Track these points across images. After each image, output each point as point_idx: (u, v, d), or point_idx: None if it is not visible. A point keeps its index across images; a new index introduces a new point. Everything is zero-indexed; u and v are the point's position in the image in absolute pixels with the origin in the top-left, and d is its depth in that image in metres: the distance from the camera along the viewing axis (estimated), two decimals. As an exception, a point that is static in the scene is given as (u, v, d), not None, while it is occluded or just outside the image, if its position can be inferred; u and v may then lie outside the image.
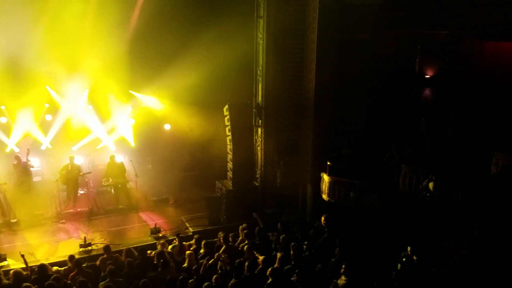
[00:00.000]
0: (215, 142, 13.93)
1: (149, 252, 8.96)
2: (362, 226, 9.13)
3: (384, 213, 9.10)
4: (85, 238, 10.19)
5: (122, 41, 13.79)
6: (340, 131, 10.89)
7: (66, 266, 8.30)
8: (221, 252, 8.34)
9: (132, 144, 15.38)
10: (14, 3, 12.26)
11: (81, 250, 9.85)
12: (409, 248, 7.73)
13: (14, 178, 12.46)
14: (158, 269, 7.79)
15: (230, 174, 12.26)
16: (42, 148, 14.66)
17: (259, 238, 8.97)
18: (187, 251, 8.66)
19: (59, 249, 10.30)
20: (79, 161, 13.84)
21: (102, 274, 7.72)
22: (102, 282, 7.28)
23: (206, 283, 6.92)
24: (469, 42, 11.18)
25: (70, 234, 11.22)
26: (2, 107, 14.33)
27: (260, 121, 11.95)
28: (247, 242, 8.60)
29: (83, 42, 13.41)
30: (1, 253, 9.41)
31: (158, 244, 9.15)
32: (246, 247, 8.22)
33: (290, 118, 11.80)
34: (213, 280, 7.07)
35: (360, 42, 10.75)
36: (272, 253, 8.33)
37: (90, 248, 9.95)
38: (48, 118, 14.94)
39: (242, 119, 11.90)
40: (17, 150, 13.99)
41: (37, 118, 14.51)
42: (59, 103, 14.74)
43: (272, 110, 11.77)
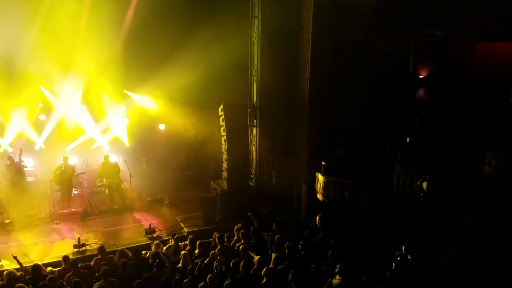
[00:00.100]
0: (210, 142, 13.95)
1: (143, 252, 8.94)
2: (357, 225, 9.16)
3: (378, 212, 9.13)
4: (79, 238, 10.16)
5: (116, 40, 13.76)
6: (334, 131, 10.95)
7: (60, 267, 8.27)
8: (216, 251, 8.35)
9: (126, 144, 15.33)
10: (8, 3, 12.19)
11: (75, 250, 9.82)
12: (403, 247, 7.78)
13: (7, 179, 12.38)
14: (154, 269, 7.78)
15: (225, 174, 12.27)
16: (36, 148, 14.59)
17: (254, 238, 8.98)
18: (182, 252, 8.64)
19: (53, 249, 10.28)
20: (73, 161, 13.78)
21: (97, 274, 7.71)
22: (96, 283, 7.27)
23: (202, 283, 6.92)
24: (462, 42, 11.24)
25: (64, 235, 11.19)
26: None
27: (255, 121, 11.95)
28: (243, 242, 8.60)
29: (77, 41, 13.39)
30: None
31: (153, 245, 9.13)
32: (241, 247, 8.23)
33: (285, 118, 11.82)
34: (207, 279, 7.08)
35: (354, 42, 10.82)
36: (267, 253, 8.34)
37: (84, 248, 9.91)
38: (42, 118, 14.88)
39: (237, 119, 11.91)
40: (10, 150, 13.91)
41: (30, 118, 14.44)
42: (53, 103, 14.68)
43: (267, 110, 11.78)
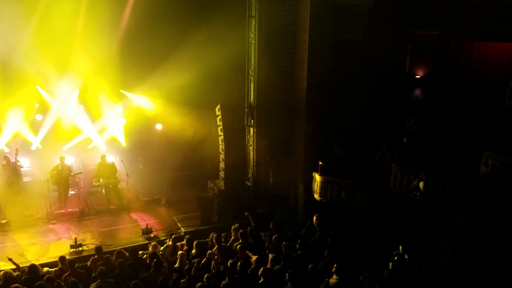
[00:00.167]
0: (207, 142, 13.94)
1: (140, 253, 8.93)
2: (354, 225, 9.16)
3: (375, 212, 9.14)
4: (75, 238, 10.14)
5: (113, 40, 13.73)
6: (332, 131, 10.95)
7: (57, 267, 8.25)
8: (213, 251, 8.35)
9: (123, 144, 15.30)
10: (4, 2, 12.13)
11: (71, 251, 9.80)
12: (400, 247, 7.78)
13: (3, 179, 12.32)
14: (151, 269, 7.76)
15: (222, 174, 12.26)
16: (32, 148, 14.53)
17: (252, 238, 8.98)
18: (179, 252, 8.63)
19: (50, 250, 10.25)
20: (70, 161, 13.74)
21: (94, 274, 7.69)
22: (93, 283, 7.25)
23: (199, 284, 6.91)
24: (459, 42, 11.28)
25: (60, 235, 11.15)
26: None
27: (252, 121, 11.95)
28: (240, 242, 8.59)
29: (74, 41, 13.34)
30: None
31: (150, 246, 9.10)
32: (238, 247, 8.22)
33: (283, 118, 11.82)
34: (204, 279, 7.07)
35: (351, 42, 10.83)
36: (265, 252, 8.34)
37: (81, 248, 9.90)
38: (38, 118, 14.81)
39: (234, 119, 11.91)
40: (6, 150, 13.85)
41: (27, 118, 14.37)
42: (50, 103, 14.62)
43: (264, 110, 11.78)
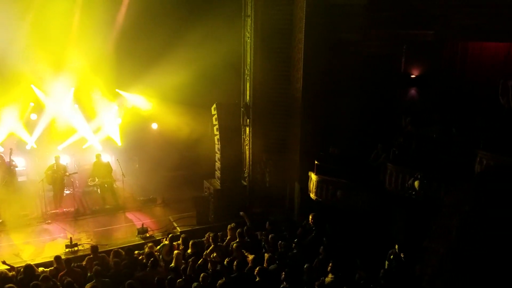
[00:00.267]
0: (203, 141, 13.92)
1: (136, 252, 8.91)
2: (350, 224, 9.19)
3: (371, 211, 9.17)
4: (71, 238, 10.10)
5: (108, 39, 13.71)
6: (328, 130, 10.98)
7: (52, 267, 8.22)
8: (209, 251, 8.35)
9: (119, 143, 15.26)
10: (-2, 1, 12.08)
11: (67, 250, 9.75)
12: (396, 246, 7.82)
13: (-2, 179, 12.28)
14: (147, 268, 7.75)
15: (218, 173, 12.25)
16: (27, 147, 14.46)
17: (248, 237, 8.99)
18: (175, 251, 8.63)
19: (45, 249, 10.19)
20: (65, 161, 13.68)
21: (89, 274, 7.67)
22: (88, 283, 7.24)
23: (195, 284, 6.91)
24: (453, 42, 11.33)
25: (56, 235, 11.09)
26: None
27: (248, 120, 11.95)
28: (237, 241, 8.60)
29: (69, 40, 13.31)
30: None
31: (146, 247, 9.08)
32: (235, 246, 8.23)
33: (278, 117, 11.83)
34: (200, 279, 7.07)
35: (346, 41, 10.86)
36: (262, 251, 8.36)
37: (76, 248, 9.86)
38: (33, 117, 14.74)
39: (230, 118, 11.89)
40: (1, 149, 13.77)
41: (22, 117, 14.30)
42: (44, 102, 14.54)
43: (260, 109, 11.79)
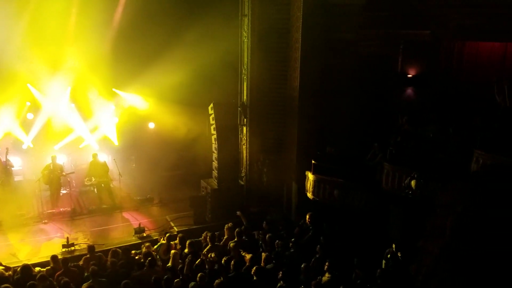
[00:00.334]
0: (200, 141, 13.93)
1: (133, 252, 8.90)
2: (347, 223, 9.22)
3: (368, 211, 9.20)
4: (67, 238, 10.09)
5: (105, 38, 13.63)
6: (325, 130, 11.00)
7: (49, 267, 8.19)
8: (206, 251, 8.34)
9: (115, 143, 15.21)
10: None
11: (63, 250, 9.74)
12: (393, 245, 7.84)
13: (-6, 178, 12.23)
14: (144, 268, 7.74)
15: (215, 173, 12.24)
16: (24, 147, 14.38)
17: (245, 237, 8.99)
18: (172, 251, 8.63)
19: (42, 249, 10.17)
20: (62, 160, 13.64)
21: (86, 274, 7.65)
22: (85, 283, 7.22)
23: (193, 283, 6.91)
24: (450, 42, 11.37)
25: (52, 235, 11.07)
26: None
27: (245, 119, 11.96)
28: (235, 240, 8.61)
29: (66, 39, 13.23)
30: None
31: (143, 247, 9.07)
32: (232, 245, 8.24)
33: (276, 117, 11.85)
34: (197, 278, 7.06)
35: (343, 41, 10.90)
36: (259, 250, 8.36)
37: (73, 248, 9.85)
38: (29, 116, 14.63)
39: (227, 118, 11.89)
40: (-3, 149, 13.73)
41: (18, 116, 14.22)
42: (41, 102, 14.46)
43: (257, 108, 11.79)
